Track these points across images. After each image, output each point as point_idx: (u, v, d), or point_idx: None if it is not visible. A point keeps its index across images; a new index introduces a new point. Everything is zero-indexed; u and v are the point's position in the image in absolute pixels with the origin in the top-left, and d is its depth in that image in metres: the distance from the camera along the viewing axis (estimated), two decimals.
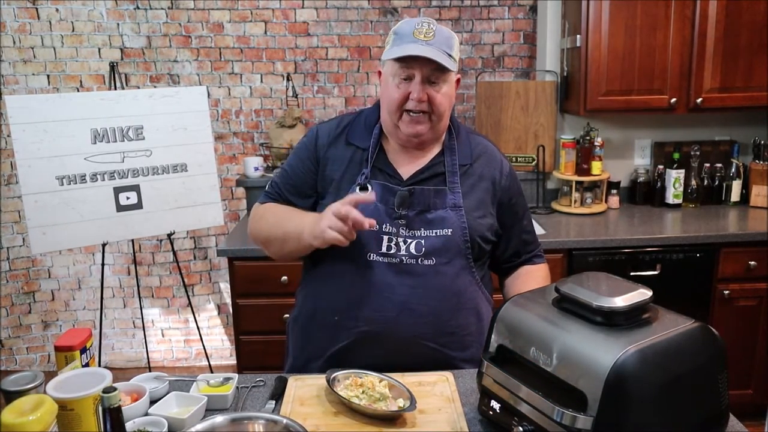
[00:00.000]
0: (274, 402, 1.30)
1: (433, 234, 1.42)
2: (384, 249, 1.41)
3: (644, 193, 3.15)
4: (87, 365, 1.30)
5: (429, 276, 1.41)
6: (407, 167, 1.46)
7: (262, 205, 1.56)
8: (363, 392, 1.24)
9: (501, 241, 1.55)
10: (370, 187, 1.42)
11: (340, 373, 1.31)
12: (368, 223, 1.29)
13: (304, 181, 1.52)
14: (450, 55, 1.37)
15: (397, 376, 1.34)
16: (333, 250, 1.39)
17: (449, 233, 1.42)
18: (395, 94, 1.39)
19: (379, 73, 1.48)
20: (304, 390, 1.33)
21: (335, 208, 1.29)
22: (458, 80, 1.47)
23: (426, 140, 1.45)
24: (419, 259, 1.41)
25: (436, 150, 1.49)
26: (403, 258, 1.41)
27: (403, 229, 1.41)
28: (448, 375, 1.39)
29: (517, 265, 1.61)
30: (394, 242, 1.41)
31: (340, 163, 1.48)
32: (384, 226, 1.41)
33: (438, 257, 1.42)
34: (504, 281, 1.64)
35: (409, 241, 1.41)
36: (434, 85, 1.38)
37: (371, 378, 1.29)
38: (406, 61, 1.37)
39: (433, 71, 1.36)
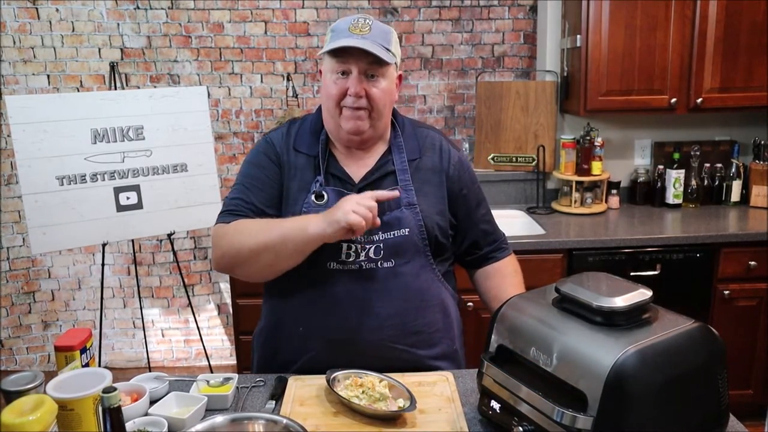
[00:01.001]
0: (274, 402, 1.30)
1: (391, 236, 1.39)
2: (343, 257, 1.38)
3: (644, 193, 3.15)
4: (87, 365, 1.30)
5: (390, 278, 1.40)
6: (357, 170, 1.44)
7: (229, 224, 1.40)
8: (363, 392, 1.24)
9: (457, 233, 1.52)
10: (325, 195, 1.39)
11: (340, 373, 1.31)
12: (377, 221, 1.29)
13: (273, 188, 1.44)
14: (388, 49, 1.34)
15: (397, 377, 1.33)
16: None
17: (406, 233, 1.40)
18: (332, 89, 1.36)
19: (320, 72, 1.43)
20: (304, 390, 1.33)
21: (358, 197, 1.29)
22: (400, 77, 1.44)
23: (368, 138, 1.42)
24: (378, 263, 1.39)
25: (382, 149, 1.46)
26: (363, 264, 1.39)
27: (360, 235, 1.34)
28: (448, 375, 1.39)
29: (480, 258, 1.57)
30: (353, 249, 1.38)
31: (294, 172, 1.44)
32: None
33: (397, 258, 1.40)
34: (474, 278, 1.61)
35: (368, 246, 1.39)
36: (372, 80, 1.35)
37: (371, 378, 1.29)
38: (341, 55, 1.33)
39: (370, 64, 1.33)
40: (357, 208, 1.26)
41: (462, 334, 1.58)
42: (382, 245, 1.39)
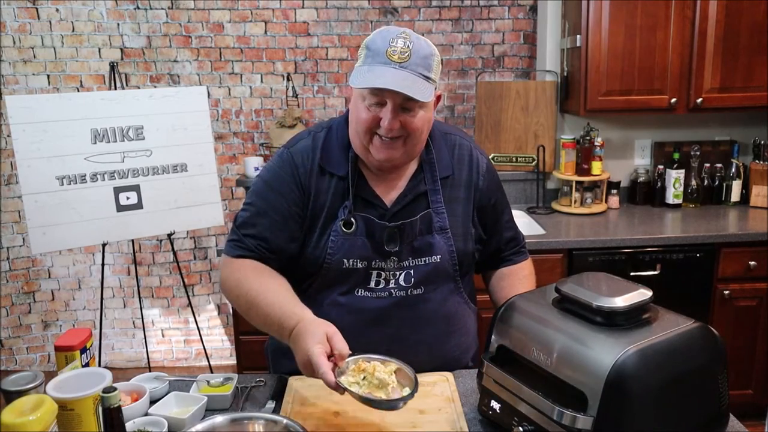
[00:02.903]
0: (274, 402, 1.30)
1: (422, 262, 1.35)
2: (372, 284, 1.34)
3: (644, 193, 3.15)
4: (87, 365, 1.30)
5: (419, 305, 1.36)
6: (389, 191, 1.36)
7: (233, 265, 1.33)
8: (364, 378, 1.15)
9: (484, 242, 1.48)
10: (354, 222, 1.31)
11: (352, 359, 1.18)
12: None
13: (294, 221, 1.33)
14: (428, 77, 1.23)
15: None
16: (315, 289, 1.36)
17: (438, 260, 1.36)
18: (364, 115, 1.25)
19: (349, 89, 1.31)
20: (304, 390, 1.33)
21: (311, 366, 1.09)
22: (438, 97, 1.32)
23: (399, 164, 1.33)
24: (408, 290, 1.36)
25: (413, 166, 1.38)
26: (393, 291, 1.35)
27: (393, 263, 1.33)
28: (448, 375, 1.39)
29: (498, 260, 1.54)
30: (383, 277, 1.34)
31: (321, 196, 1.33)
32: (373, 263, 1.33)
33: (427, 285, 1.37)
34: (486, 276, 1.58)
35: (399, 273, 1.34)
36: (408, 112, 1.24)
37: (375, 363, 1.18)
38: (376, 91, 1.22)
39: (408, 99, 1.21)
40: (306, 371, 1.13)
41: (478, 347, 1.54)
42: (412, 272, 1.35)
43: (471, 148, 1.44)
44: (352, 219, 1.32)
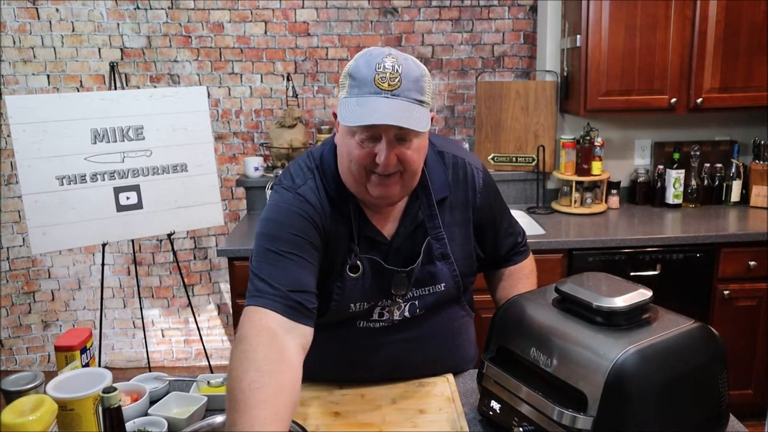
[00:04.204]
0: None
1: (426, 292, 1.31)
2: (375, 317, 1.30)
3: (644, 193, 3.15)
4: (87, 365, 1.30)
5: (423, 328, 1.35)
6: (387, 224, 1.28)
7: (256, 314, 1.08)
8: None
9: (485, 252, 1.43)
10: (360, 266, 1.24)
11: None
12: None
13: (314, 258, 1.18)
14: (421, 101, 1.13)
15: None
16: (317, 323, 1.18)
17: (442, 288, 1.32)
18: (357, 151, 1.13)
19: (334, 114, 1.20)
20: (304, 391, 1.33)
21: None
22: (432, 117, 1.19)
23: (398, 200, 1.24)
24: (413, 318, 1.33)
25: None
26: (396, 321, 1.32)
27: (398, 299, 1.28)
28: (448, 376, 1.39)
29: (500, 261, 1.49)
30: (387, 310, 1.30)
31: (333, 238, 1.23)
32: (379, 302, 1.29)
33: (430, 310, 1.34)
34: (487, 275, 1.54)
35: (403, 305, 1.30)
36: (404, 143, 1.13)
37: None
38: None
39: (402, 130, 1.11)
40: None
41: (477, 351, 1.53)
42: (417, 302, 1.31)
43: (465, 164, 1.35)
44: (359, 263, 1.24)
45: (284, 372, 1.01)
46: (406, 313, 1.31)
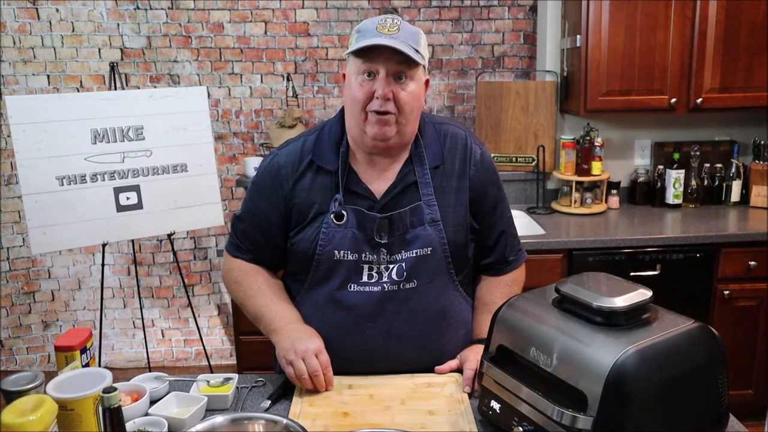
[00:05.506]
0: (269, 402, 1.29)
1: (413, 254, 1.35)
2: (365, 278, 1.36)
3: (644, 194, 3.15)
4: (87, 365, 1.30)
5: (412, 299, 1.37)
6: (378, 184, 1.38)
7: (233, 261, 1.49)
8: None
9: (477, 235, 1.45)
10: (345, 214, 1.34)
11: None
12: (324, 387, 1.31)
13: (275, 226, 1.42)
14: (417, 50, 1.27)
15: (407, 377, 1.34)
16: (309, 284, 1.41)
17: (429, 252, 1.36)
18: (358, 93, 1.29)
19: (343, 76, 1.37)
20: (313, 390, 1.33)
21: (305, 351, 1.30)
22: (427, 81, 1.37)
23: (393, 145, 1.34)
24: (401, 284, 1.36)
25: (404, 157, 1.39)
26: (385, 285, 1.36)
27: (383, 255, 1.35)
28: (457, 376, 1.39)
29: (486, 267, 1.51)
30: (375, 270, 1.36)
31: (309, 191, 1.38)
32: (364, 255, 1.35)
33: (420, 278, 1.37)
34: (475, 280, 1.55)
35: (391, 266, 1.35)
36: (401, 82, 1.28)
37: None
38: (369, 55, 1.26)
39: (399, 65, 1.26)
40: (296, 363, 1.29)
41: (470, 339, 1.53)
42: (404, 265, 1.35)
43: (466, 137, 1.43)
44: (343, 211, 1.35)
45: (267, 277, 1.47)
46: (394, 275, 1.36)
